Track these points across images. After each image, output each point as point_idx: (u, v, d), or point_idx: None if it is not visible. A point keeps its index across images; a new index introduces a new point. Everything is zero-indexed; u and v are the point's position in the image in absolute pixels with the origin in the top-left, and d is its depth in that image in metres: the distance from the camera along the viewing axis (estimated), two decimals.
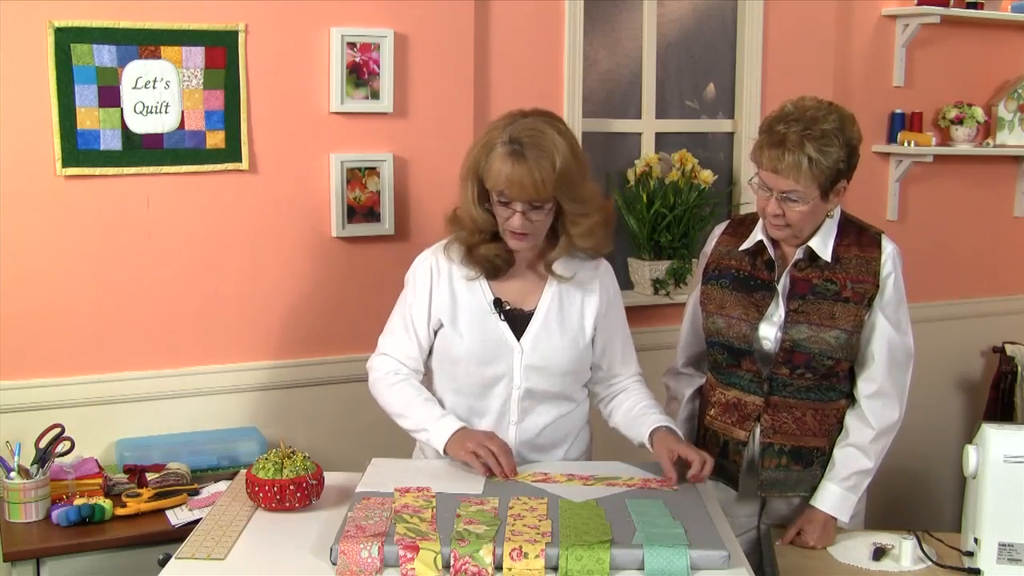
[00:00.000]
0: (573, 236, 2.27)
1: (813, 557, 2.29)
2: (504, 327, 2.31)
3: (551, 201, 2.20)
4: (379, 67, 3.04)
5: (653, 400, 2.41)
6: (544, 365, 2.30)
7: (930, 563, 2.21)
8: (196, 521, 2.25)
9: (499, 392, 2.32)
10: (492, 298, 2.32)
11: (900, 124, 3.92)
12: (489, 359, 2.31)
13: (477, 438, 2.20)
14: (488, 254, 2.29)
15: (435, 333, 2.35)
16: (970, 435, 2.80)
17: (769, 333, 2.36)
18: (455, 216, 2.31)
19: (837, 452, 2.38)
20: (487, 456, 2.15)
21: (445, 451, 2.22)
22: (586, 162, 2.27)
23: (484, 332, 2.31)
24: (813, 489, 2.39)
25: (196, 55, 2.83)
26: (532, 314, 2.32)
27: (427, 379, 2.40)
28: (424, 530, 1.83)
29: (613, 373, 2.44)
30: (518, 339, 2.30)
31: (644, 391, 2.43)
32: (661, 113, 3.65)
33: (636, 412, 2.36)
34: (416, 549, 1.76)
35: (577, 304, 2.34)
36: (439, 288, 2.33)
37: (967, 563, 2.16)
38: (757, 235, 2.39)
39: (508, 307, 2.32)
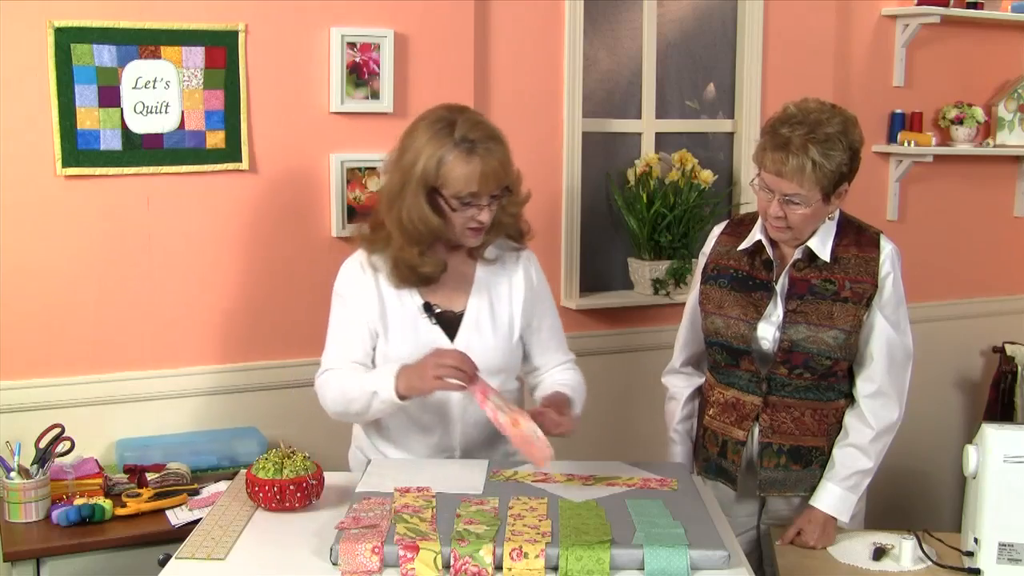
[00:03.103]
0: (507, 218, 2.28)
1: (813, 557, 2.29)
2: (437, 330, 2.28)
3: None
4: (379, 67, 3.04)
5: (574, 381, 2.38)
6: (480, 366, 2.23)
7: (930, 563, 2.21)
8: (196, 521, 2.25)
9: (437, 396, 2.27)
10: (421, 302, 2.28)
11: (900, 124, 3.92)
12: None
13: (429, 364, 2.11)
14: (420, 266, 2.23)
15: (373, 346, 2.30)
16: (970, 435, 2.80)
17: (767, 333, 2.36)
18: (382, 231, 2.25)
19: (837, 452, 2.38)
20: (452, 373, 2.08)
21: (405, 395, 2.13)
22: None
23: (417, 337, 2.27)
24: (813, 489, 2.39)
25: (196, 55, 2.83)
26: (463, 315, 2.30)
27: None
28: (424, 530, 1.83)
29: (539, 363, 2.42)
30: (452, 341, 2.28)
31: (568, 374, 2.41)
32: (661, 113, 3.65)
33: (548, 384, 2.37)
34: (416, 549, 1.76)
35: (505, 300, 2.33)
36: (368, 296, 2.29)
37: (967, 563, 2.16)
38: (756, 235, 2.39)
39: (439, 310, 2.29)
